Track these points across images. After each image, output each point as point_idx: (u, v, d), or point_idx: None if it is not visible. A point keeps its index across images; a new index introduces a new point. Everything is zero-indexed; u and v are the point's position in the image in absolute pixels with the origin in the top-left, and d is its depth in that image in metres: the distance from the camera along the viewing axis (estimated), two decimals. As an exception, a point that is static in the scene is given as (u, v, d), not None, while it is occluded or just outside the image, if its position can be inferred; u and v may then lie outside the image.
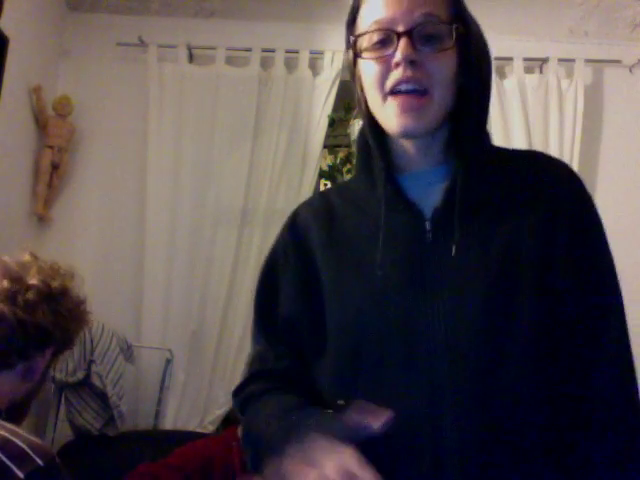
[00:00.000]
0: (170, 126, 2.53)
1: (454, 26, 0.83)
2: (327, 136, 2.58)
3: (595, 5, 2.66)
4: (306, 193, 2.50)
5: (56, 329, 1.09)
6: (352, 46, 0.87)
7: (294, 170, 2.52)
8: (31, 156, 2.46)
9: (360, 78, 0.88)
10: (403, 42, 0.80)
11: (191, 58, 2.64)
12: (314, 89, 2.59)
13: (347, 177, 2.65)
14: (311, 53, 2.63)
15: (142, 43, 2.61)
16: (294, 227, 0.97)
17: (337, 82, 2.59)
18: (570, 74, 2.62)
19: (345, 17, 0.93)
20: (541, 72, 2.65)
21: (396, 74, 0.81)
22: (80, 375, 2.07)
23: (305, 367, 0.91)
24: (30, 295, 1.06)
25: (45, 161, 2.44)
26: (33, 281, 1.08)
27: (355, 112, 2.59)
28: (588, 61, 2.62)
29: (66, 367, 2.06)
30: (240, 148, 2.52)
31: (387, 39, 0.82)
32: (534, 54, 2.64)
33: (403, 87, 0.81)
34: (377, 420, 0.66)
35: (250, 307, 2.56)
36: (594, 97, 2.65)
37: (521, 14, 2.69)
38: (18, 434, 0.89)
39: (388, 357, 0.80)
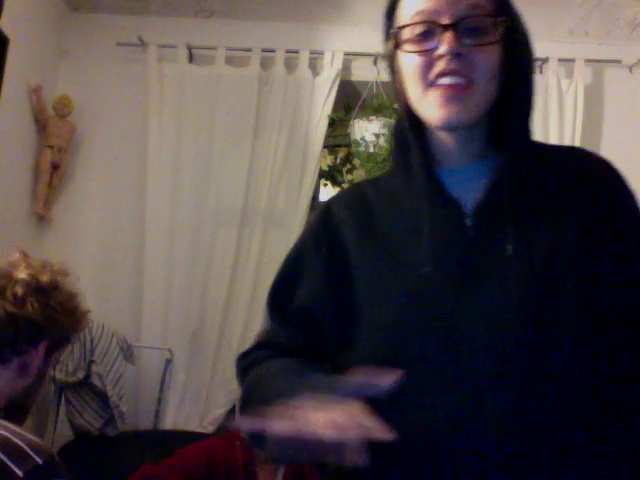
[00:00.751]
0: (170, 126, 2.53)
1: (500, 19, 0.81)
2: (327, 136, 2.59)
3: (595, 5, 2.66)
4: (306, 193, 2.50)
5: (48, 322, 1.08)
6: (393, 38, 0.85)
7: (294, 170, 2.52)
8: (31, 156, 2.47)
9: (399, 70, 0.87)
10: (448, 35, 0.78)
11: (191, 58, 2.64)
12: (314, 89, 2.59)
13: (347, 177, 2.66)
14: (311, 53, 2.64)
15: (142, 43, 2.61)
16: (327, 218, 0.94)
17: (337, 82, 2.59)
18: (570, 74, 2.62)
19: (345, 17, 0.92)
20: (541, 72, 2.65)
21: (440, 66, 0.79)
22: (80, 375, 2.07)
23: (316, 354, 0.89)
24: (19, 289, 1.06)
25: (45, 161, 2.44)
26: (22, 275, 1.08)
27: (355, 112, 2.59)
28: (588, 61, 2.62)
29: (66, 367, 2.07)
30: (240, 148, 2.52)
31: (430, 31, 0.80)
32: (534, 54, 2.64)
33: (447, 80, 0.79)
34: (385, 379, 0.66)
35: (250, 307, 2.57)
36: (594, 97, 2.65)
37: (521, 14, 2.69)
38: (17, 433, 0.90)
39: (428, 355, 0.78)
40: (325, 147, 2.64)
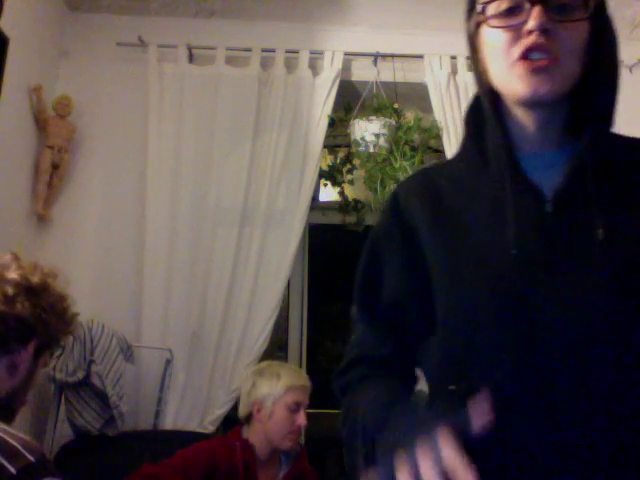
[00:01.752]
0: (170, 126, 2.53)
1: None
2: (327, 136, 2.59)
3: (595, 5, 2.66)
4: (306, 193, 2.50)
5: (37, 322, 1.09)
6: (478, 14, 0.84)
7: (294, 170, 2.52)
8: (31, 156, 2.46)
9: (481, 49, 0.86)
10: (537, 9, 0.77)
11: (191, 58, 2.64)
12: (314, 89, 2.59)
13: (347, 177, 2.66)
14: (311, 53, 2.64)
15: (142, 43, 2.61)
16: (396, 208, 0.94)
17: (337, 82, 2.59)
18: (570, 74, 2.63)
19: (345, 17, 0.93)
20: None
21: (527, 42, 0.78)
22: (80, 375, 2.07)
23: (406, 351, 0.90)
24: (9, 288, 1.07)
25: (45, 161, 2.44)
26: (12, 275, 1.09)
27: (355, 112, 2.59)
28: (588, 61, 2.62)
29: (66, 367, 2.06)
30: (240, 148, 2.52)
31: (516, 6, 0.79)
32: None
33: (534, 56, 0.78)
34: (478, 422, 0.65)
35: (250, 307, 2.57)
36: (594, 97, 2.65)
37: (521, 14, 2.69)
38: (9, 432, 0.90)
39: (505, 343, 0.78)
40: (325, 147, 2.64)
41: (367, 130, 2.50)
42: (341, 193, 2.69)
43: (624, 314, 0.75)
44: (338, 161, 2.67)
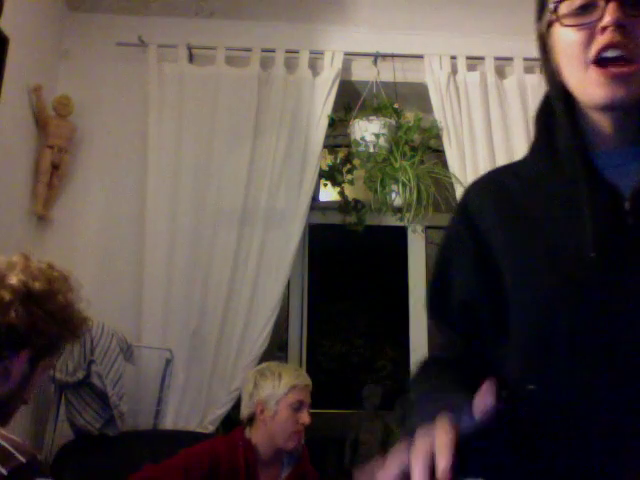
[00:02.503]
0: (170, 126, 2.53)
1: None
2: (327, 136, 2.59)
3: (595, 5, 2.66)
4: (306, 193, 2.50)
5: (31, 331, 1.06)
6: (550, 13, 0.82)
7: (294, 170, 2.52)
8: (31, 156, 2.46)
9: (553, 49, 0.85)
10: (612, 5, 0.75)
11: (191, 58, 2.64)
12: (314, 89, 2.59)
13: (347, 177, 2.66)
14: (311, 53, 2.64)
15: (142, 43, 2.61)
16: (465, 209, 0.94)
17: (337, 82, 2.59)
18: (570, 74, 2.63)
19: (345, 17, 0.93)
20: (541, 72, 2.65)
21: (602, 40, 0.76)
22: (80, 375, 2.07)
23: (475, 352, 0.90)
24: (5, 294, 1.05)
25: (45, 161, 2.44)
26: (12, 281, 1.07)
27: (355, 112, 2.60)
28: (588, 61, 2.62)
29: (66, 367, 2.06)
30: (240, 148, 2.52)
31: (590, 4, 0.77)
32: (534, 54, 2.63)
33: (609, 53, 0.76)
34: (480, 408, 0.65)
35: (250, 307, 2.57)
36: (594, 97, 2.65)
37: (521, 14, 2.68)
38: (0, 434, 0.90)
39: (584, 345, 0.76)
40: (325, 147, 2.64)
41: (367, 130, 2.51)
42: (341, 193, 2.69)
43: None
44: (338, 161, 2.67)
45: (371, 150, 2.50)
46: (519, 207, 0.87)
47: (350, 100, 2.67)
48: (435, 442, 0.61)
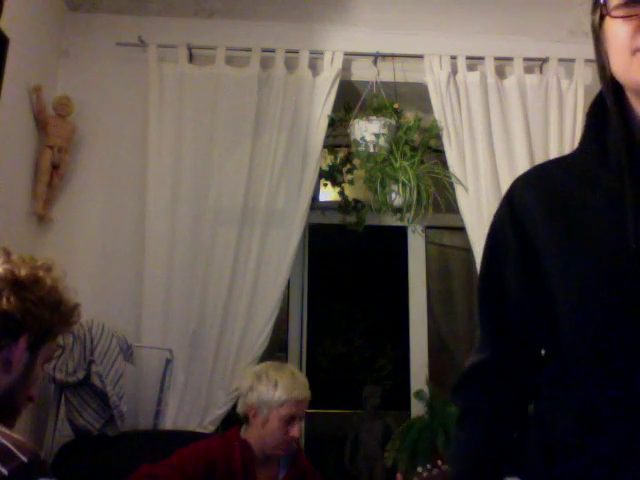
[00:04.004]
0: (170, 126, 2.53)
1: None
2: (327, 136, 2.58)
3: (595, 5, 2.66)
4: (306, 193, 2.50)
5: (27, 317, 1.07)
6: (602, 5, 0.85)
7: (294, 170, 2.52)
8: (31, 156, 2.46)
9: (604, 41, 0.87)
10: None
11: (191, 58, 2.64)
12: (314, 89, 2.59)
13: (347, 177, 2.66)
14: (311, 53, 2.64)
15: (142, 43, 2.61)
16: (511, 203, 0.95)
17: (337, 82, 2.59)
18: (570, 74, 2.63)
19: (345, 17, 0.93)
20: (541, 72, 2.65)
21: None
22: (80, 375, 2.07)
23: (523, 351, 0.94)
24: None
25: (45, 161, 2.44)
26: None
27: (355, 112, 2.59)
28: (588, 61, 2.62)
29: (66, 367, 2.06)
30: (240, 148, 2.52)
31: None
32: (534, 54, 2.64)
33: None
34: None
35: (250, 307, 2.56)
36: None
37: (521, 14, 2.69)
38: (1, 432, 0.90)
39: (631, 337, 0.79)
40: (325, 147, 2.64)
41: (367, 130, 2.50)
42: (341, 193, 2.69)
43: None
44: (338, 161, 2.67)
45: (371, 150, 2.50)
46: (565, 197, 0.89)
47: (350, 100, 2.67)
48: None
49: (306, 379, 1.98)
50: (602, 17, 0.86)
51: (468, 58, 2.63)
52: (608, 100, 0.88)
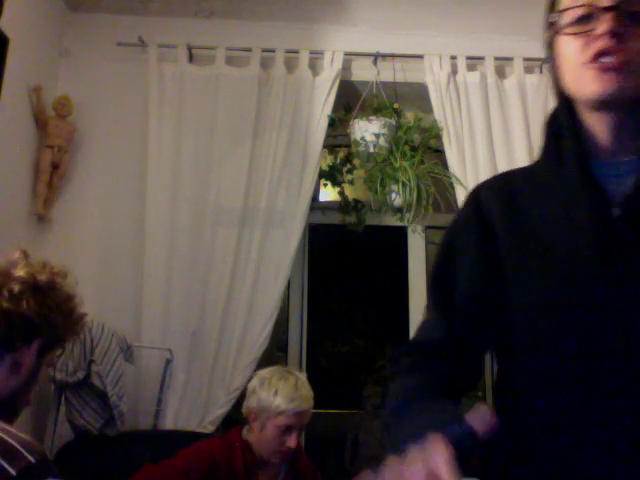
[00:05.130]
0: (170, 126, 2.53)
1: None
2: (327, 136, 2.58)
3: (595, 5, 2.66)
4: (306, 193, 2.50)
5: (43, 321, 1.08)
6: (553, 23, 0.88)
7: (294, 170, 2.52)
8: (31, 156, 2.46)
9: (557, 58, 0.90)
10: (608, 16, 0.80)
11: (191, 58, 2.64)
12: (314, 89, 2.59)
13: (347, 177, 2.66)
14: (311, 53, 2.64)
15: (142, 43, 2.61)
16: (476, 203, 0.98)
17: (337, 82, 2.59)
18: (570, 74, 2.63)
19: (345, 17, 0.94)
20: (541, 72, 2.65)
21: (598, 45, 0.81)
22: (80, 375, 2.07)
23: (468, 339, 0.94)
24: (15, 286, 1.06)
25: (45, 161, 2.44)
26: (20, 273, 1.09)
27: (355, 112, 2.59)
28: (588, 61, 2.62)
29: (66, 367, 2.06)
30: (240, 148, 2.52)
31: (589, 15, 0.83)
32: (534, 54, 2.64)
33: (604, 59, 0.81)
34: (481, 426, 0.68)
35: (250, 307, 2.56)
36: (594, 97, 2.65)
37: (521, 14, 2.69)
38: (9, 432, 0.90)
39: (569, 352, 0.82)
40: (325, 147, 2.64)
41: (367, 130, 2.50)
42: (341, 193, 2.69)
43: None
44: (338, 161, 2.67)
45: (371, 150, 2.50)
46: (523, 207, 0.93)
47: (350, 100, 2.67)
48: (431, 464, 0.64)
49: (310, 390, 1.91)
50: (554, 35, 0.89)
51: (468, 58, 2.63)
52: (561, 113, 0.92)
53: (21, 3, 2.28)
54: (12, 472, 0.83)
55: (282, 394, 1.84)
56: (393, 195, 2.50)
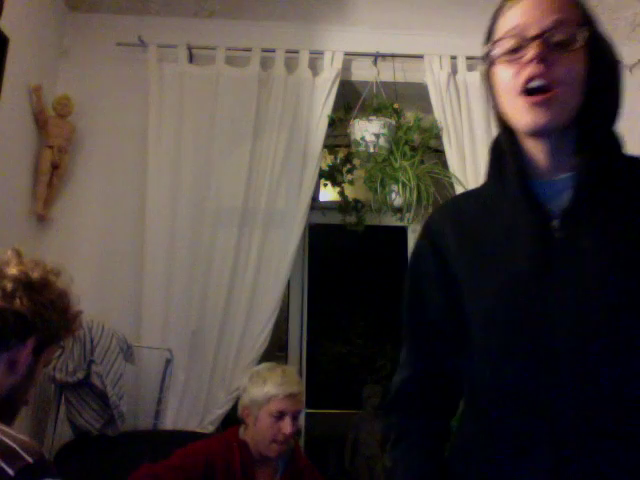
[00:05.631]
0: (170, 126, 2.53)
1: (581, 29, 0.91)
2: (327, 136, 2.58)
3: (595, 5, 2.65)
4: (306, 193, 2.50)
5: (37, 319, 1.08)
6: (488, 55, 0.98)
7: (294, 170, 2.52)
8: (31, 156, 2.46)
9: (494, 85, 0.98)
10: (534, 43, 0.89)
11: (191, 58, 2.64)
12: (314, 89, 2.59)
13: (347, 177, 2.66)
14: (311, 53, 2.64)
15: (142, 43, 2.61)
16: (429, 232, 1.09)
17: (337, 82, 2.59)
18: (570, 74, 2.63)
19: (345, 17, 0.97)
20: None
21: (527, 71, 0.89)
22: (80, 375, 2.07)
23: (446, 361, 1.05)
24: (8, 284, 1.07)
25: (45, 161, 2.44)
26: (12, 271, 1.09)
27: (355, 112, 2.59)
28: (588, 61, 2.62)
29: (66, 367, 2.06)
30: (240, 148, 2.52)
31: (520, 46, 0.92)
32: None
33: (534, 83, 0.89)
34: None
35: (250, 307, 2.56)
36: (594, 97, 2.65)
37: (521, 14, 2.69)
38: (7, 433, 0.90)
39: (518, 342, 0.91)
40: (325, 147, 2.64)
41: (367, 130, 2.50)
42: (341, 193, 2.69)
43: (609, 314, 0.85)
44: (338, 161, 2.67)
45: (371, 150, 2.50)
46: (472, 229, 1.01)
47: (350, 100, 2.67)
48: None
49: (299, 378, 1.97)
50: (490, 66, 0.98)
51: (468, 58, 2.63)
52: (503, 139, 1.00)
53: (21, 3, 2.28)
54: (10, 472, 0.83)
55: (270, 382, 1.88)
56: (393, 195, 2.50)
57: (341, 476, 4.37)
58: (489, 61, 0.98)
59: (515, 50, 0.92)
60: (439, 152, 2.64)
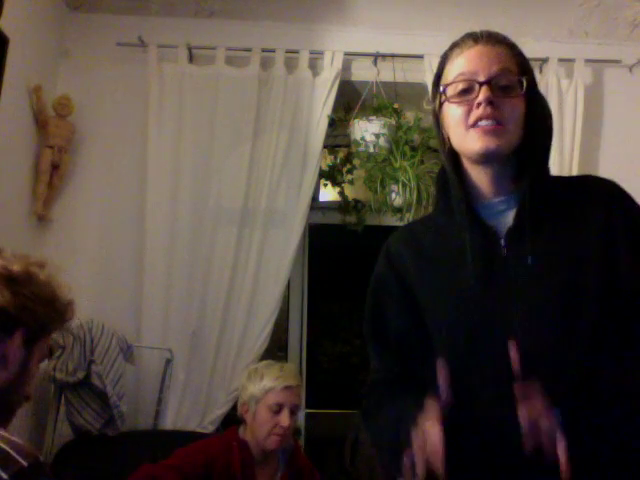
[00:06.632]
0: (170, 126, 2.53)
1: (523, 78, 1.06)
2: (327, 136, 2.58)
3: (595, 5, 2.66)
4: (306, 193, 2.50)
5: (21, 312, 1.07)
6: (440, 94, 1.10)
7: (294, 170, 2.52)
8: (31, 156, 2.46)
9: (444, 121, 1.11)
10: (484, 88, 1.03)
11: (191, 58, 2.63)
12: (314, 89, 2.59)
13: (347, 177, 2.66)
14: (311, 53, 2.64)
15: (142, 43, 2.61)
16: (389, 256, 1.20)
17: (337, 82, 2.59)
18: (570, 74, 2.63)
19: (345, 17, 0.99)
20: (541, 72, 2.65)
21: (477, 112, 1.03)
22: (80, 375, 2.07)
23: (412, 369, 1.13)
24: None
25: (45, 161, 2.44)
26: None
27: (355, 112, 2.59)
28: (588, 61, 2.63)
29: (66, 367, 2.07)
30: (240, 148, 2.52)
31: (469, 88, 1.05)
32: (534, 54, 2.63)
33: (483, 122, 1.03)
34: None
35: (250, 307, 2.56)
36: (594, 97, 2.65)
37: (521, 14, 2.69)
38: (1, 436, 0.89)
39: (475, 349, 1.02)
40: (325, 147, 2.64)
41: (367, 130, 2.50)
42: (341, 193, 2.69)
43: (554, 320, 0.98)
44: (338, 161, 2.67)
45: (371, 150, 2.50)
46: (427, 250, 1.14)
47: (350, 100, 2.66)
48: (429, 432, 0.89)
49: (297, 372, 2.00)
50: (441, 103, 1.10)
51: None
52: (448, 168, 1.12)
53: (21, 3, 2.28)
54: (4, 476, 0.83)
55: (268, 376, 1.90)
56: (393, 195, 2.50)
57: (341, 476, 4.37)
58: (439, 100, 1.10)
59: (466, 91, 1.05)
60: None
